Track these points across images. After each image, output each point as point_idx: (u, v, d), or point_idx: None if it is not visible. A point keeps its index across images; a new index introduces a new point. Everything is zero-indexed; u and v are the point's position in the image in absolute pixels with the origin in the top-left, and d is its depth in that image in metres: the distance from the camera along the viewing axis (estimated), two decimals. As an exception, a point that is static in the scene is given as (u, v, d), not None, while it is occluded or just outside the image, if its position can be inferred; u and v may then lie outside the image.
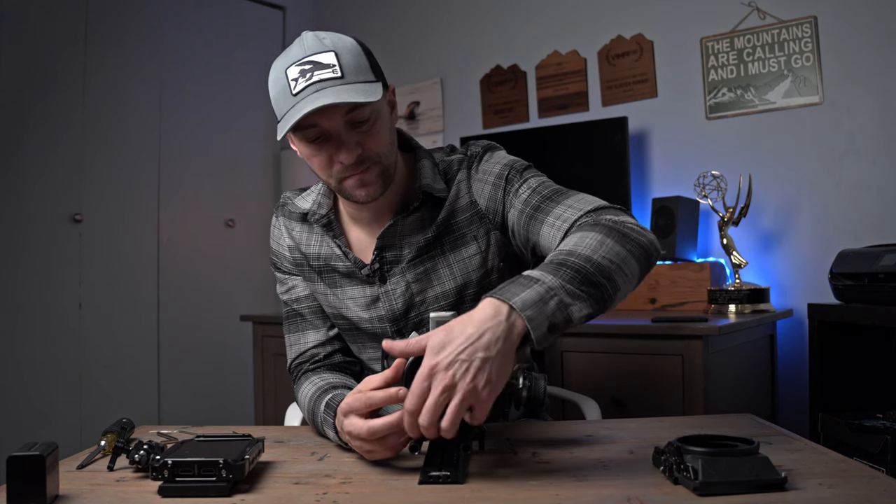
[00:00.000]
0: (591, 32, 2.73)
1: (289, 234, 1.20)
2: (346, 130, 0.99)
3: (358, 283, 1.14)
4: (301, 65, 0.97)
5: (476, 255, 1.11)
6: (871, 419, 1.61)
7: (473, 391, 0.75)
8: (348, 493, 0.76)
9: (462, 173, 1.13)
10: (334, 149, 1.00)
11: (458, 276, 1.11)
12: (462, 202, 1.12)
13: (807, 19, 2.26)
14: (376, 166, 1.03)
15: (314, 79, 0.96)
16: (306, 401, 1.08)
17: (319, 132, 0.99)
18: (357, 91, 0.96)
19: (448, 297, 1.12)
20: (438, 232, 1.11)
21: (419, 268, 1.11)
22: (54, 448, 0.73)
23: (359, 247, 1.15)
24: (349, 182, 1.03)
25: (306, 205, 1.18)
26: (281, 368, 2.56)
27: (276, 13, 3.63)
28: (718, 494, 0.71)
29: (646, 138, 2.60)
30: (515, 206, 1.08)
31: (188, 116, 3.22)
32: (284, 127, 0.97)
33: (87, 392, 2.84)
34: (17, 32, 2.69)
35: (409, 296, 1.12)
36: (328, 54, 0.97)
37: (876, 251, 1.75)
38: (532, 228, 1.05)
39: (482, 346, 0.76)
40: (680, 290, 2.21)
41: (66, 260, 2.81)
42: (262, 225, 3.52)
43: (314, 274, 1.18)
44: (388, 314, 1.13)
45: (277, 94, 1.00)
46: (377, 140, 1.02)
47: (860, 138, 2.19)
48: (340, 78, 0.96)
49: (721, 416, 1.11)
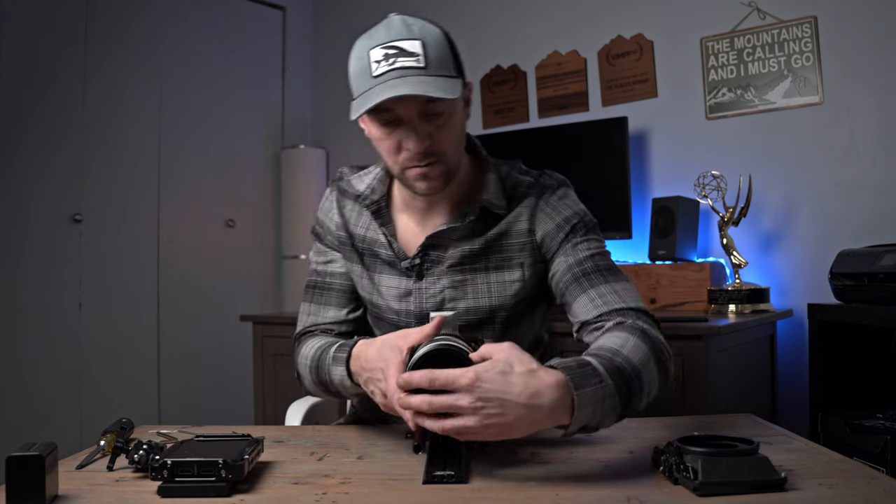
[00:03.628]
0: (591, 32, 2.73)
1: (339, 210, 1.20)
2: (419, 120, 0.99)
3: (396, 274, 1.14)
4: (386, 48, 0.97)
5: (517, 281, 1.11)
6: (871, 419, 1.61)
7: (480, 432, 0.77)
8: (347, 494, 0.76)
9: (531, 199, 1.12)
10: (404, 135, 1.00)
11: (494, 297, 1.11)
12: (520, 226, 1.11)
13: (807, 19, 2.26)
14: (440, 164, 1.03)
15: (397, 65, 0.96)
16: (312, 351, 1.09)
17: (393, 117, 1.00)
18: (437, 85, 0.96)
19: (479, 314, 1.12)
20: (486, 246, 1.11)
21: (458, 275, 1.11)
22: (53, 448, 0.73)
23: (404, 236, 1.15)
24: (412, 172, 1.03)
25: (361, 186, 1.18)
26: (281, 368, 2.56)
27: (276, 13, 3.63)
28: (718, 494, 0.70)
29: (646, 138, 2.60)
30: (567, 258, 1.08)
31: (188, 116, 3.22)
32: (360, 108, 0.97)
33: (87, 392, 2.84)
34: (17, 32, 2.69)
35: (441, 299, 1.12)
36: (415, 42, 0.97)
37: (876, 251, 1.75)
38: (572, 289, 1.06)
39: (524, 416, 0.77)
40: (680, 290, 2.21)
41: (66, 260, 2.81)
42: (262, 225, 3.52)
43: (355, 255, 1.17)
44: (416, 310, 1.13)
45: (358, 72, 1.00)
46: (447, 135, 1.02)
47: (860, 138, 2.19)
48: (423, 68, 0.96)
49: (721, 416, 1.10)
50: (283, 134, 3.62)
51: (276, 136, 3.61)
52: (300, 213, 3.47)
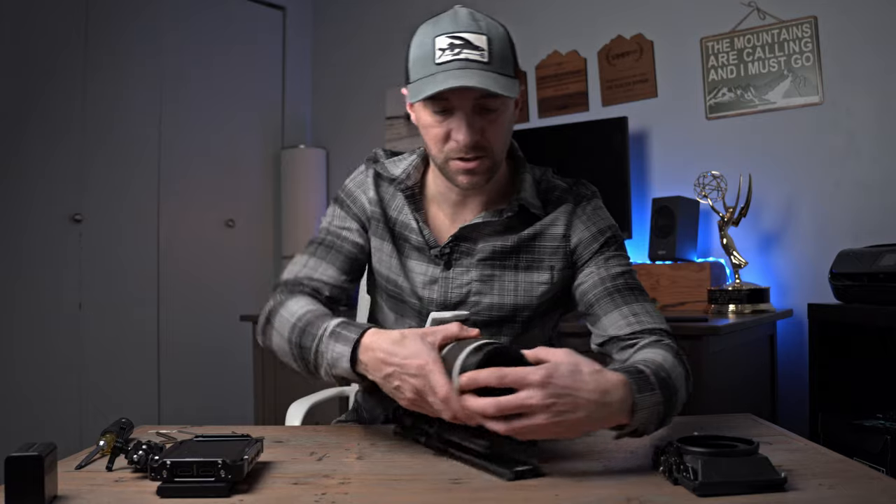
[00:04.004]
0: (591, 32, 2.73)
1: (376, 188, 1.18)
2: (472, 113, 1.00)
3: (424, 260, 1.13)
4: (452, 37, 0.98)
5: (545, 284, 1.12)
6: (871, 419, 1.61)
7: (548, 430, 0.78)
8: (347, 494, 0.76)
9: (568, 205, 1.14)
10: (455, 126, 1.01)
11: (520, 296, 1.12)
12: (556, 230, 1.12)
13: (807, 19, 2.26)
14: (487, 160, 1.04)
15: (461, 56, 0.97)
16: (302, 311, 1.03)
17: (447, 106, 1.00)
18: (498, 82, 0.98)
19: (502, 311, 1.12)
20: (519, 245, 1.12)
21: (487, 270, 1.11)
22: (53, 448, 0.73)
23: (434, 224, 1.15)
24: (457, 164, 1.04)
25: (397, 171, 1.17)
26: (281, 368, 2.56)
27: (276, 13, 3.63)
28: (718, 495, 0.70)
29: (646, 138, 2.60)
30: (600, 270, 1.10)
31: (188, 116, 3.22)
32: (419, 92, 0.98)
33: (87, 392, 2.84)
34: (16, 32, 2.69)
35: (467, 291, 1.12)
36: (481, 37, 0.99)
37: (876, 251, 1.75)
38: (603, 303, 1.08)
39: (593, 413, 0.79)
40: (680, 290, 2.20)
41: (66, 260, 2.81)
42: (262, 225, 3.52)
43: (388, 234, 1.16)
44: (440, 299, 1.12)
45: (418, 57, 1.01)
46: (497, 132, 1.03)
47: (860, 138, 2.19)
48: (487, 63, 0.98)
49: (721, 416, 1.10)
50: (283, 134, 3.62)
51: (276, 136, 3.61)
52: (300, 213, 3.47)
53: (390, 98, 3.39)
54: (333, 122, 3.65)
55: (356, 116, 3.54)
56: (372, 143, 3.49)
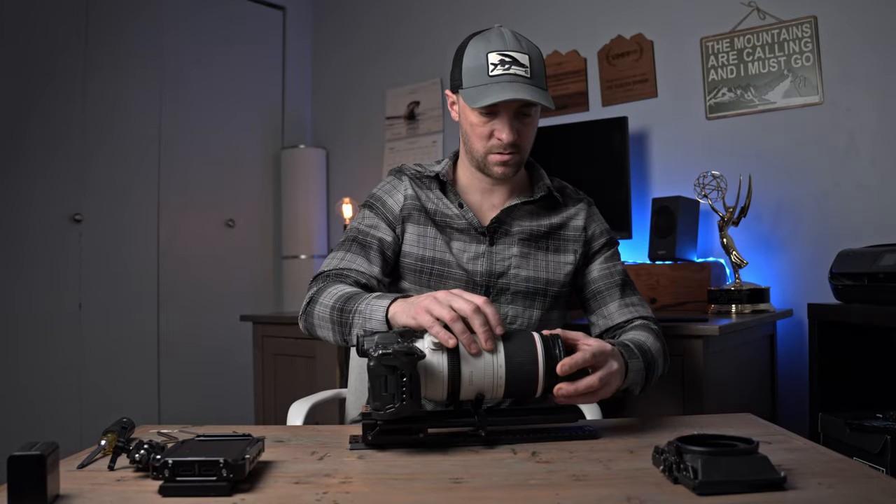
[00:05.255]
0: (591, 32, 2.74)
1: (413, 188, 1.35)
2: (513, 117, 1.23)
3: (468, 239, 1.32)
4: (502, 55, 1.21)
5: (570, 265, 1.36)
6: (871, 419, 1.61)
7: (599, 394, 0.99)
8: (348, 493, 0.76)
9: (583, 204, 1.40)
10: (499, 126, 1.23)
11: (550, 273, 1.34)
12: (576, 222, 1.38)
13: (807, 19, 2.26)
14: (518, 155, 1.27)
15: (511, 71, 1.20)
16: (346, 290, 1.17)
17: (494, 110, 1.22)
18: (542, 95, 1.21)
19: (537, 283, 1.33)
20: (549, 230, 1.35)
21: (524, 248, 1.33)
22: (55, 448, 0.73)
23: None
24: (495, 157, 1.26)
25: (437, 168, 1.37)
26: (281, 368, 2.56)
27: (276, 13, 3.63)
28: (718, 494, 0.71)
29: (646, 138, 2.60)
30: (606, 264, 1.38)
31: (188, 116, 3.22)
32: (478, 99, 1.20)
33: (87, 392, 2.84)
34: (16, 33, 2.69)
35: (509, 264, 1.32)
36: (524, 56, 1.22)
37: (876, 251, 1.75)
38: (611, 292, 1.35)
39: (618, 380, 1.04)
40: (680, 290, 2.20)
41: (66, 260, 2.82)
42: (262, 225, 3.52)
43: (428, 221, 1.33)
44: (485, 270, 1.31)
45: (473, 68, 1.23)
46: (529, 133, 1.28)
47: (860, 138, 2.19)
48: (529, 78, 1.21)
49: (721, 416, 1.11)
50: (283, 134, 3.63)
51: (276, 136, 3.61)
52: (300, 213, 3.47)
53: (390, 98, 3.39)
54: (333, 122, 3.65)
55: (356, 116, 3.54)
56: (372, 143, 3.50)
